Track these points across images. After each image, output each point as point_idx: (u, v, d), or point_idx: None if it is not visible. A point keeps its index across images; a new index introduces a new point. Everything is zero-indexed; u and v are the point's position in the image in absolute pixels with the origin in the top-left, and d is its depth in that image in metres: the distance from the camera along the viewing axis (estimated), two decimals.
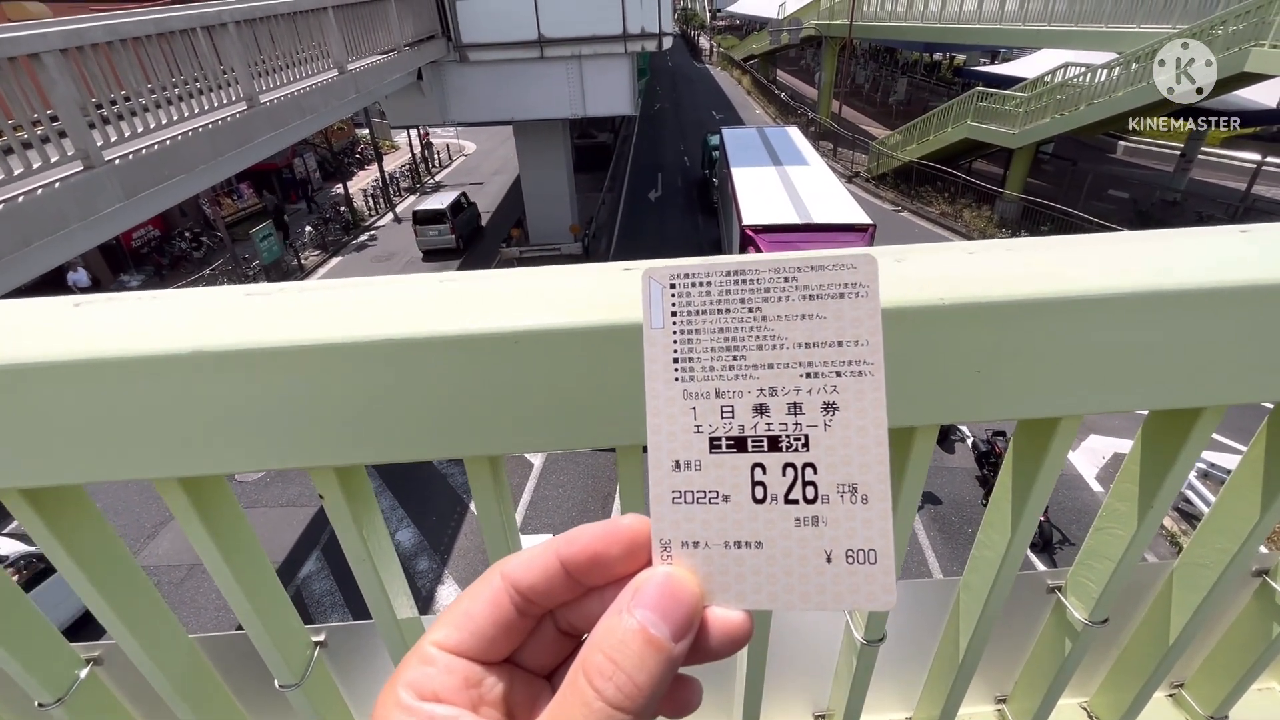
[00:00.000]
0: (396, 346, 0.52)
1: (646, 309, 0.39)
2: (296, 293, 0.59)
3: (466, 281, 0.59)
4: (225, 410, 0.54)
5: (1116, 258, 0.57)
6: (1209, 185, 20.65)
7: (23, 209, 4.56)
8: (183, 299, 0.58)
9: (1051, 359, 0.55)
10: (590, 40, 13.74)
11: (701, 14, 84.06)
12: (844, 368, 0.37)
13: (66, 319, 0.56)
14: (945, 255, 0.60)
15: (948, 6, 24.96)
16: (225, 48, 6.83)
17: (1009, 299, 0.52)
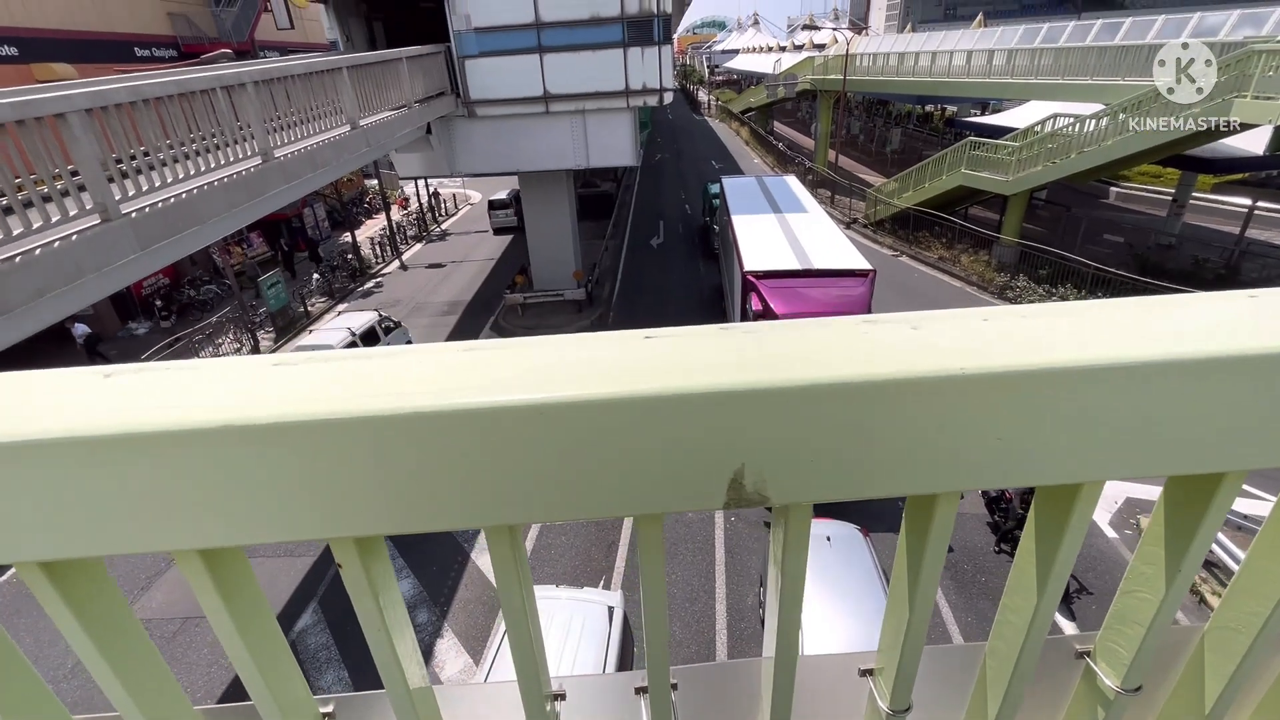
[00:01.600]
0: (421, 419, 0.52)
1: None
2: (323, 363, 0.60)
3: (489, 351, 0.60)
4: (249, 482, 0.54)
5: (1130, 325, 0.58)
6: (1202, 229, 20.97)
7: (40, 261, 4.66)
8: (211, 370, 0.59)
9: (1071, 426, 0.56)
10: (594, 96, 14.24)
11: (700, 70, 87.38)
12: None
13: (97, 390, 0.57)
14: (961, 322, 0.61)
15: (937, 61, 25.95)
16: (243, 106, 7.08)
17: (1029, 368, 0.53)
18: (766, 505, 0.60)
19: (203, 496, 0.54)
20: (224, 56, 12.90)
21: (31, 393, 0.57)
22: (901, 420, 0.54)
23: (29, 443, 0.50)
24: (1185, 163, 17.68)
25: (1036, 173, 17.12)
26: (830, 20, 63.43)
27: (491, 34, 13.63)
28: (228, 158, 6.82)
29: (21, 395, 0.57)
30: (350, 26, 14.30)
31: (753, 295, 10.92)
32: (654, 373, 0.54)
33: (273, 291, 17.99)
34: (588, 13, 13.38)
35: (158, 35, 21.26)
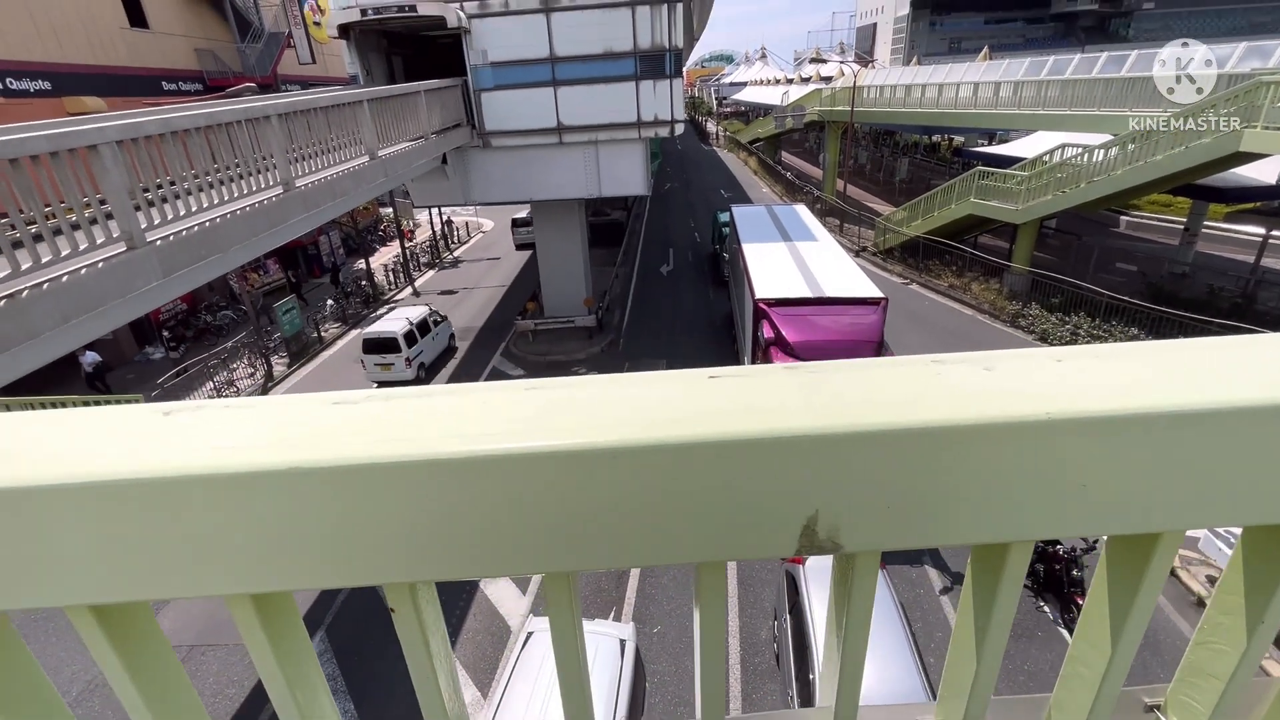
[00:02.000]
0: (488, 463, 0.51)
1: None
2: (383, 401, 0.59)
3: (552, 391, 0.59)
4: (308, 525, 0.53)
5: (1213, 367, 0.56)
6: (1216, 258, 20.87)
7: (66, 288, 4.74)
8: (269, 409, 0.58)
9: (1155, 473, 0.54)
10: (606, 127, 14.51)
11: (709, 102, 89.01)
12: None
13: (155, 429, 0.56)
14: (1034, 363, 0.60)
15: (944, 93, 26.30)
16: (266, 137, 7.26)
17: (1114, 413, 0.51)
18: (838, 553, 0.58)
19: (260, 540, 0.53)
20: (248, 90, 13.29)
21: (90, 430, 0.57)
22: (980, 467, 0.52)
23: (88, 485, 0.50)
24: (1196, 192, 17.68)
25: (1046, 202, 17.17)
26: (837, 54, 64.61)
27: (507, 68, 13.98)
28: (250, 187, 6.97)
29: (80, 433, 0.56)
30: (371, 61, 14.72)
31: (764, 323, 10.92)
32: (725, 415, 0.53)
33: (287, 317, 18.21)
34: (601, 47, 13.71)
35: (185, 70, 21.97)
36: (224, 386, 15.92)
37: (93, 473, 0.50)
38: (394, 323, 15.86)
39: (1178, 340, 0.62)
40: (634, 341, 18.47)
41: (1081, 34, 59.34)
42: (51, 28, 16.96)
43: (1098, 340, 15.33)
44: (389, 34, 15.29)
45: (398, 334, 15.33)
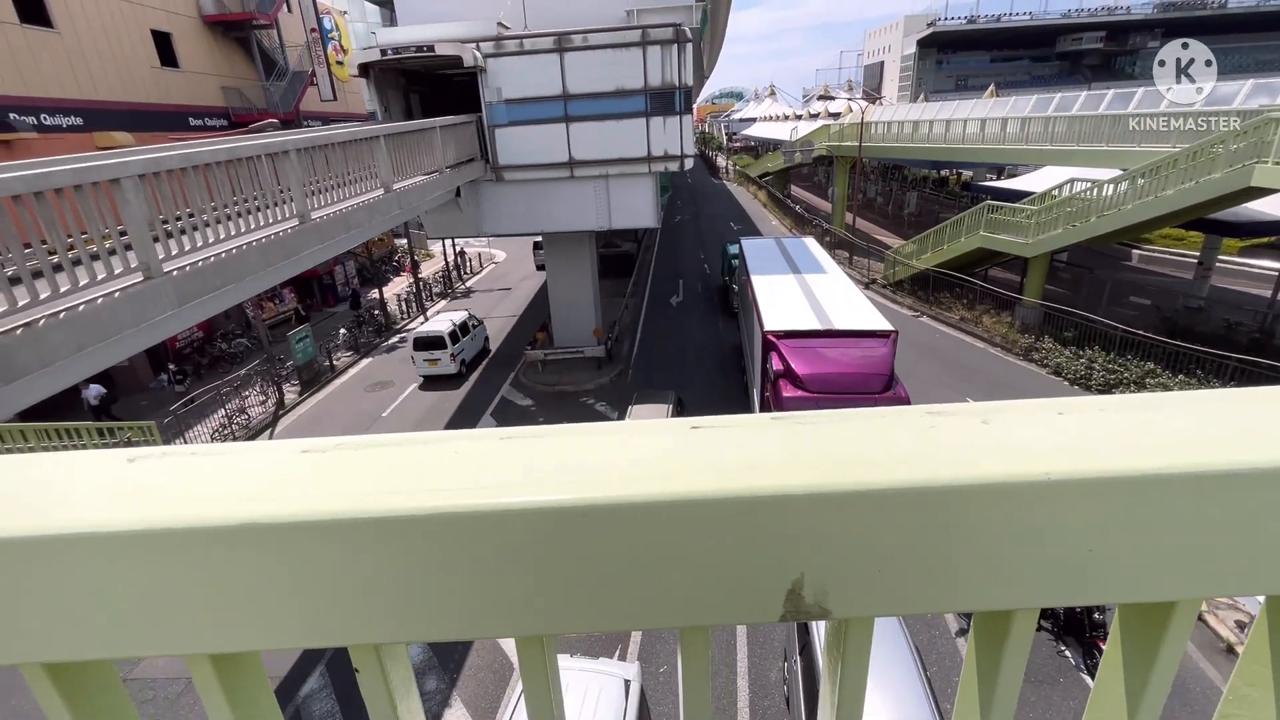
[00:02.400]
0: (455, 520, 0.49)
1: None
2: (353, 450, 0.57)
3: (528, 441, 0.56)
4: (271, 583, 0.50)
5: (1233, 422, 0.53)
6: (1230, 292, 20.67)
7: (82, 317, 4.82)
8: (235, 458, 0.57)
9: (1169, 538, 0.50)
10: (617, 162, 14.77)
11: (719, 137, 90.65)
12: None
13: (116, 479, 0.54)
14: (1035, 416, 0.57)
15: (951, 129, 26.61)
16: (285, 171, 7.44)
17: (1122, 474, 0.48)
18: (827, 619, 0.54)
19: (220, 597, 0.51)
20: (270, 126, 13.70)
21: (48, 479, 0.55)
22: (977, 530, 0.49)
23: (39, 539, 0.48)
24: (1209, 226, 17.61)
25: (1056, 235, 17.16)
26: (845, 91, 65.82)
27: (521, 105, 14.34)
28: (267, 219, 7.12)
29: (37, 481, 0.55)
30: (389, 98, 15.15)
31: (773, 355, 10.88)
32: (705, 471, 0.50)
33: (300, 346, 18.41)
34: (612, 85, 14.05)
35: (211, 106, 22.73)
36: (236, 414, 16.03)
37: (45, 526, 0.49)
38: (440, 324, 18.38)
39: (1190, 393, 0.59)
40: (643, 372, 18.46)
41: (1088, 71, 60.15)
42: (86, 67, 17.67)
43: (1113, 374, 15.12)
44: (407, 72, 15.78)
45: (444, 333, 17.65)
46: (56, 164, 4.96)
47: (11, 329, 4.31)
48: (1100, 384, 15.16)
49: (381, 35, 14.43)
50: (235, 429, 15.68)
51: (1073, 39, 58.43)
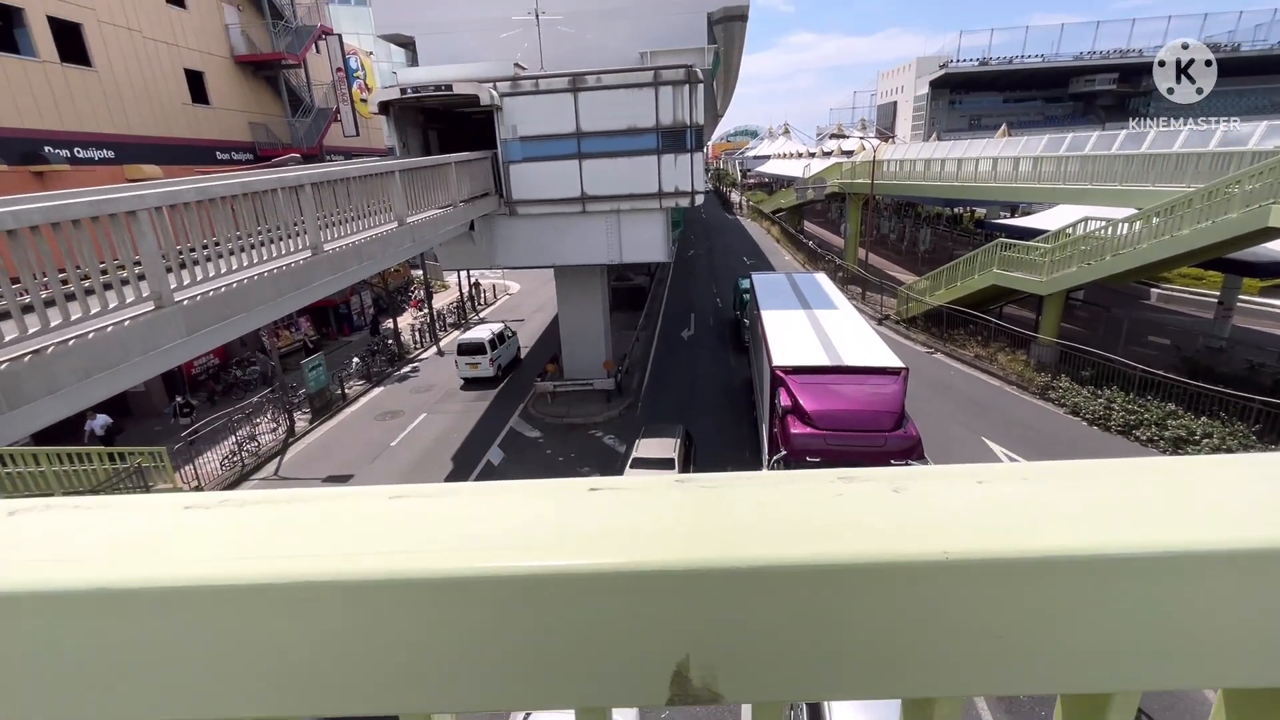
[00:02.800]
0: (303, 590, 0.45)
1: None
2: (237, 508, 0.54)
3: (413, 502, 0.53)
4: (132, 654, 0.47)
5: (1171, 499, 0.49)
6: (1253, 332, 20.29)
7: (91, 344, 4.91)
8: (115, 513, 0.54)
9: (1095, 625, 0.46)
10: (629, 197, 14.99)
11: (733, 173, 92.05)
12: None
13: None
14: (951, 486, 0.53)
15: (964, 168, 26.77)
16: (300, 204, 7.63)
17: (1025, 555, 0.44)
18: (719, 702, 0.50)
19: (76, 667, 0.48)
20: (291, 160, 14.12)
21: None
22: (875, 612, 0.45)
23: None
24: (1228, 266, 17.40)
25: (1071, 274, 17.03)
26: (858, 130, 66.81)
27: (535, 142, 14.68)
28: (280, 250, 7.27)
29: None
30: (407, 135, 15.60)
31: (782, 391, 10.79)
32: (584, 542, 0.47)
33: (314, 374, 18.61)
34: (625, 123, 14.35)
35: (238, 141, 23.55)
36: (246, 441, 16.15)
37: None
38: (480, 332, 21.21)
39: (1130, 461, 0.55)
40: (652, 406, 18.38)
41: (1102, 112, 60.49)
42: (121, 103, 18.43)
43: (1133, 415, 14.78)
44: (426, 110, 16.26)
45: (484, 340, 20.42)
46: (75, 196, 5.12)
47: (20, 356, 4.40)
48: (1120, 425, 14.83)
49: (402, 75, 14.93)
50: (245, 456, 15.77)
51: (1086, 80, 58.92)
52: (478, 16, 16.49)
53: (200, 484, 14.54)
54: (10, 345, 4.40)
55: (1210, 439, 13.37)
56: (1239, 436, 13.18)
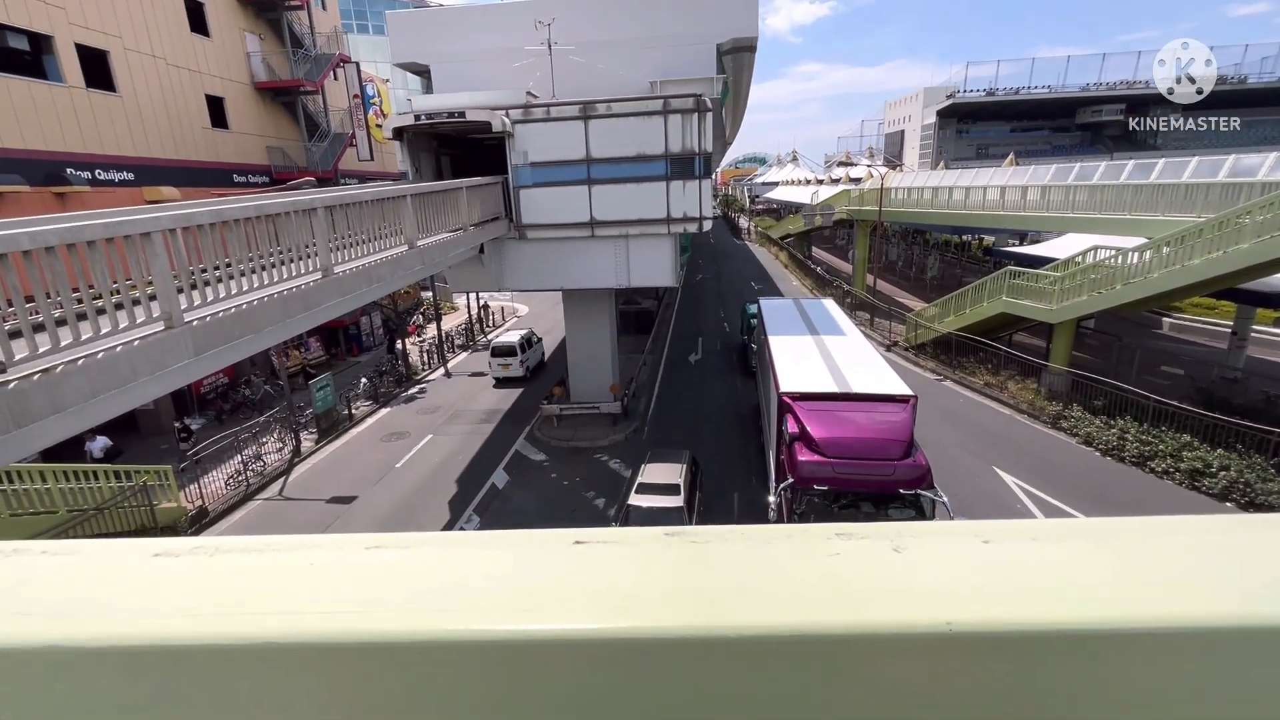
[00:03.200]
0: (293, 651, 0.43)
1: None
2: (209, 556, 0.52)
3: (388, 554, 0.51)
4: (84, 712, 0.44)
5: (1195, 563, 0.46)
6: (1268, 363, 20.04)
7: (99, 364, 4.94)
8: (84, 559, 0.52)
9: (1121, 710, 0.42)
10: (637, 223, 15.12)
11: (741, 199, 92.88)
12: None
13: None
14: (955, 544, 0.50)
15: (971, 196, 26.87)
16: (312, 228, 7.73)
17: (1038, 627, 0.41)
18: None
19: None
20: (306, 183, 14.37)
21: None
22: (872, 687, 0.42)
23: None
24: (1241, 296, 17.25)
25: (1081, 302, 16.94)
26: (866, 157, 67.41)
27: (545, 168, 14.88)
28: (291, 272, 7.35)
29: None
30: (420, 160, 15.87)
31: (789, 417, 10.70)
32: (559, 605, 0.44)
33: (321, 394, 18.69)
34: (634, 151, 14.54)
35: (255, 164, 24.03)
36: (252, 460, 16.16)
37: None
38: (511, 337, 23.97)
39: (1153, 520, 0.52)
40: (658, 430, 18.29)
41: (1109, 142, 60.79)
42: (142, 127, 18.90)
43: (1147, 446, 14.54)
44: (439, 135, 16.55)
45: (515, 344, 23.09)
46: (91, 218, 5.20)
47: (29, 374, 4.43)
48: (1135, 456, 14.59)
49: (416, 102, 15.24)
50: (250, 476, 15.76)
51: (1092, 111, 59.34)
52: (492, 46, 16.89)
53: (205, 503, 14.52)
54: (21, 364, 4.44)
55: (1227, 471, 13.10)
56: (1257, 470, 12.92)
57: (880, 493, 9.79)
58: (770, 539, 0.53)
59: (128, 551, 0.55)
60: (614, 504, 14.20)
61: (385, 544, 0.55)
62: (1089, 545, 0.49)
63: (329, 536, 0.55)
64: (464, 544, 0.54)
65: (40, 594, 0.49)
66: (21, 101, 15.41)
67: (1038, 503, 13.29)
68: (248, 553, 0.54)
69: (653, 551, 0.53)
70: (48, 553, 0.55)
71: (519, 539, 0.54)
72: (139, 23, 18.96)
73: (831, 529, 0.53)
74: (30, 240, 4.36)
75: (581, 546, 0.53)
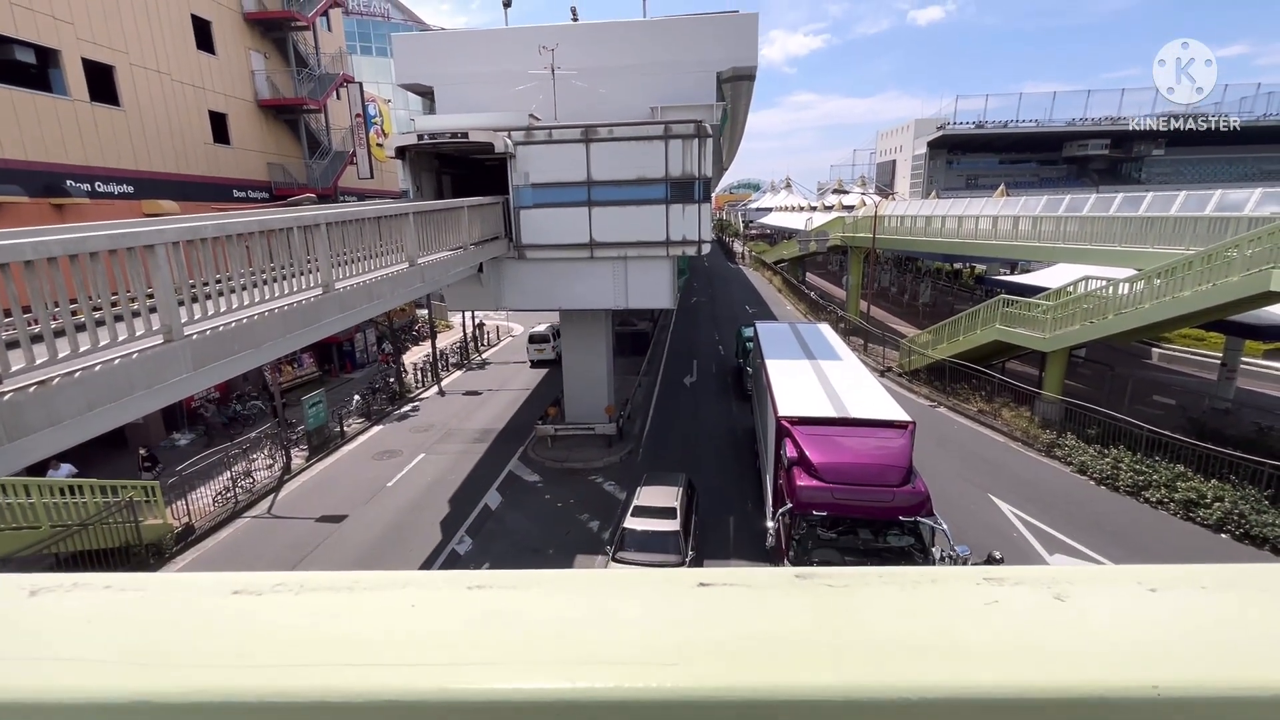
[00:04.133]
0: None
1: None
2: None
3: (488, 593, 0.46)
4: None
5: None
6: (1258, 395, 20.23)
7: (96, 376, 4.85)
8: (200, 591, 0.47)
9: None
10: (636, 245, 15.20)
11: (736, 224, 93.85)
12: None
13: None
14: (1119, 592, 0.46)
15: (964, 225, 27.24)
16: (314, 243, 7.70)
17: (1240, 692, 0.37)
18: None
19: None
20: (307, 200, 14.38)
21: None
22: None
23: None
24: (1231, 328, 17.48)
25: (1074, 331, 17.11)
26: (858, 186, 68.46)
27: (546, 189, 14.98)
28: (292, 287, 7.29)
29: None
30: (421, 179, 15.94)
31: (788, 441, 10.66)
32: (715, 658, 0.40)
33: (313, 411, 18.48)
34: (635, 174, 14.68)
35: (255, 180, 24.08)
36: (241, 477, 15.89)
37: None
38: (543, 328, 28.39)
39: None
40: (653, 452, 18.18)
41: (1095, 175, 62.10)
42: (144, 141, 18.93)
43: (1141, 476, 14.56)
44: (440, 155, 16.66)
45: (547, 333, 27.79)
46: (95, 229, 5.16)
47: (25, 386, 4.33)
48: (1129, 485, 14.60)
49: (420, 122, 15.36)
50: (238, 493, 15.49)
51: (1079, 145, 60.71)
52: (495, 70, 17.11)
53: (191, 520, 14.23)
54: (16, 375, 4.34)
55: (1221, 503, 13.13)
56: (1251, 501, 12.95)
57: (880, 519, 9.73)
58: (915, 582, 0.49)
59: (204, 588, 0.50)
60: (608, 527, 14.03)
61: (488, 583, 0.50)
62: (1262, 595, 0.45)
63: (429, 574, 0.50)
64: (576, 586, 0.50)
65: (111, 636, 0.44)
66: (25, 114, 15.42)
67: (1035, 532, 13.24)
68: (336, 591, 0.49)
69: (786, 596, 0.48)
70: (111, 588, 0.50)
71: (634, 579, 0.50)
72: (146, 39, 19.11)
73: (979, 573, 0.49)
74: (34, 250, 4.30)
75: (706, 589, 0.49)
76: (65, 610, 0.47)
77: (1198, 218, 17.46)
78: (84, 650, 0.42)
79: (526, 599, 0.47)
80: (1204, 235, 16.82)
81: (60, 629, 0.45)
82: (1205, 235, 16.78)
